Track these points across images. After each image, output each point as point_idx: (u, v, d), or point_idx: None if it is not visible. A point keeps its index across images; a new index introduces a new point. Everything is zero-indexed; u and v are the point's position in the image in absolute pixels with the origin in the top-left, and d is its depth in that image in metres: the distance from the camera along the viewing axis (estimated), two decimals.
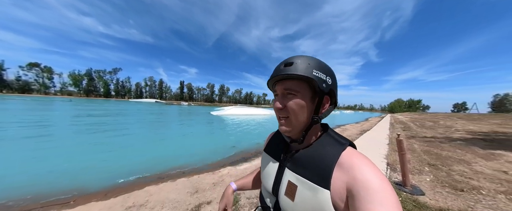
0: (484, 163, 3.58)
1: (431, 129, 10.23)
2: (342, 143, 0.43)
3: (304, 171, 0.42)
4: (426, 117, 21.59)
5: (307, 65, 0.42)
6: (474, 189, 2.49)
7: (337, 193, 0.37)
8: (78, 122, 9.81)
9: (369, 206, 0.32)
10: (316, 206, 0.38)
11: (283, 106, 0.44)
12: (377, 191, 0.33)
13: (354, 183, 0.35)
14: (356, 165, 0.37)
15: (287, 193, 0.43)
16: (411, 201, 2.17)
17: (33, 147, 4.95)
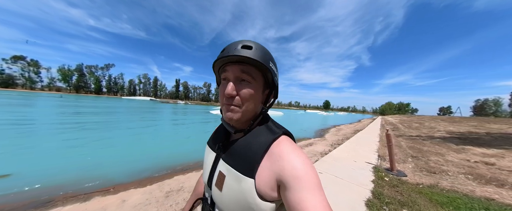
0: (454, 155, 4.39)
1: (417, 129, 11.29)
2: (275, 132, 0.42)
3: (233, 160, 0.42)
4: (414, 119, 23.20)
5: (264, 54, 0.41)
6: (443, 172, 3.23)
7: (265, 182, 0.38)
8: (98, 121, 9.97)
9: (298, 194, 0.34)
10: (239, 194, 0.38)
11: (236, 93, 0.40)
12: (304, 179, 0.35)
13: (283, 173, 0.36)
14: (284, 155, 0.38)
15: (216, 183, 0.43)
16: (397, 180, 2.84)
17: (59, 145, 5.28)
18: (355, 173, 3.07)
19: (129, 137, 6.57)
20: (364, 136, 8.10)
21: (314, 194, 0.34)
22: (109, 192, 2.71)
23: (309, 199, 0.33)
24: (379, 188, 2.43)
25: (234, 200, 0.39)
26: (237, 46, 0.40)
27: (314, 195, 0.34)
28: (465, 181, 2.84)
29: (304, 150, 5.69)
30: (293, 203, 0.34)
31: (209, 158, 0.49)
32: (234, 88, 0.40)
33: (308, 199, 0.33)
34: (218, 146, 0.47)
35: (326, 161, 3.72)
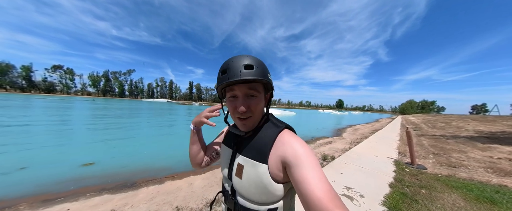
0: (478, 153, 4.51)
1: (442, 129, 10.84)
2: (279, 126, 0.53)
3: (249, 153, 0.51)
4: (439, 118, 21.62)
5: (263, 69, 0.49)
6: (463, 166, 3.51)
7: (274, 166, 0.47)
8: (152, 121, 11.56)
9: (299, 169, 0.42)
10: (257, 179, 0.48)
11: (247, 108, 0.49)
12: (303, 157, 0.44)
13: (286, 155, 0.46)
14: (286, 141, 0.48)
15: (236, 173, 0.52)
16: (417, 171, 3.24)
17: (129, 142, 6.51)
18: (378, 165, 3.52)
19: (173, 134, 7.67)
20: (383, 135, 8.19)
21: (312, 169, 0.42)
22: (175, 178, 3.29)
23: (309, 174, 0.41)
24: (400, 176, 2.89)
25: (253, 184, 0.48)
26: (240, 68, 0.46)
27: (312, 170, 0.41)
28: (484, 173, 3.13)
29: (325, 147, 6.14)
30: (296, 176, 0.42)
31: (227, 155, 0.59)
32: (246, 104, 0.49)
33: (308, 173, 0.41)
34: (233, 143, 0.58)
35: (349, 155, 4.19)
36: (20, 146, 4.67)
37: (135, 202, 2.39)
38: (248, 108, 0.49)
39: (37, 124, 8.07)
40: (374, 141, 6.58)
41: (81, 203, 2.41)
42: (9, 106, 15.26)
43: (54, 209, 2.27)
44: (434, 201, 2.10)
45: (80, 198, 2.57)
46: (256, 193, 0.48)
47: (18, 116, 10.18)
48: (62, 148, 4.83)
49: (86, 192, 2.77)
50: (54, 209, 2.27)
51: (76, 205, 2.35)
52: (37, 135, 6.03)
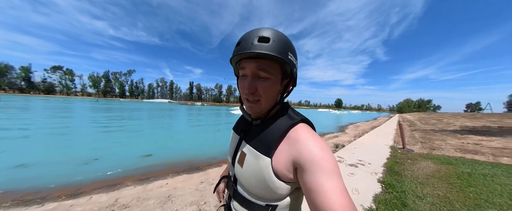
0: (455, 141, 5.82)
1: (433, 125, 12.23)
2: (293, 118, 0.45)
3: (253, 141, 0.47)
4: (433, 116, 23.16)
5: (283, 45, 0.40)
6: (440, 148, 4.80)
7: (281, 163, 0.41)
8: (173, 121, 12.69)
9: (315, 178, 0.36)
10: (257, 171, 0.43)
11: (255, 90, 0.42)
12: (319, 162, 0.37)
13: (300, 157, 0.39)
14: (301, 139, 0.41)
15: (239, 161, 0.49)
16: (406, 152, 4.50)
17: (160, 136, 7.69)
18: (378, 148, 4.78)
19: (197, 131, 8.86)
20: (381, 130, 9.50)
21: (331, 178, 0.36)
22: (220, 165, 3.85)
23: (325, 183, 0.35)
24: (394, 154, 4.15)
25: (252, 175, 0.44)
26: (253, 39, 0.39)
27: (331, 179, 0.35)
28: (453, 152, 4.41)
29: (333, 140, 7.39)
30: (310, 185, 0.36)
31: (234, 140, 0.57)
32: (252, 85, 0.41)
33: (324, 182, 0.35)
34: (241, 130, 0.54)
35: (355, 144, 5.45)
36: (80, 143, 5.26)
37: (210, 178, 2.94)
38: (256, 90, 0.42)
39: (82, 125, 9.20)
40: (374, 134, 7.86)
41: (172, 179, 2.93)
42: (37, 108, 16.24)
43: (156, 184, 2.74)
44: (415, 164, 3.35)
45: (167, 177, 3.04)
46: (255, 186, 0.44)
47: (56, 117, 11.26)
48: (116, 143, 5.62)
49: (165, 174, 3.22)
50: (156, 184, 2.74)
51: (171, 181, 2.84)
52: (89, 134, 7.16)
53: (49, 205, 2.17)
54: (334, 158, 0.39)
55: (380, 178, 2.67)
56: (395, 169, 3.02)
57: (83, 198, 2.39)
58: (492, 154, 4.09)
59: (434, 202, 1.94)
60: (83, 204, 2.22)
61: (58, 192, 2.62)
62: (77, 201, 2.29)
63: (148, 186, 2.72)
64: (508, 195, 2.08)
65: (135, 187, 2.75)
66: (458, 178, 2.59)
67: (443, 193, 2.13)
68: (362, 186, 2.38)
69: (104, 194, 2.53)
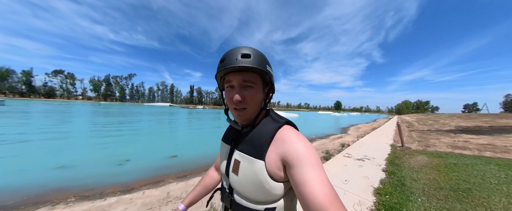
0: (448, 139, 6.50)
1: (430, 125, 12.95)
2: (278, 121, 0.50)
3: (246, 148, 0.49)
4: (431, 117, 23.96)
5: (261, 60, 0.47)
6: (434, 146, 5.47)
7: (272, 163, 0.45)
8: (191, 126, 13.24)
9: (299, 170, 0.41)
10: (253, 175, 0.45)
11: (243, 98, 0.47)
12: (304, 156, 0.42)
13: (286, 154, 0.43)
14: (287, 139, 0.46)
15: (233, 170, 0.50)
16: (404, 149, 5.15)
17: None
18: (380, 146, 5.44)
19: (217, 133, 9.46)
20: (381, 131, 10.17)
21: (314, 170, 0.40)
22: None
23: (309, 175, 0.39)
24: (394, 151, 4.80)
25: (249, 181, 0.46)
26: (237, 56, 0.45)
27: (314, 171, 0.40)
28: (445, 149, 5.08)
29: (338, 140, 8.03)
30: (297, 179, 0.41)
31: (225, 151, 0.58)
32: (241, 94, 0.47)
33: (308, 174, 0.40)
34: (231, 139, 0.56)
35: (359, 143, 6.10)
36: (104, 146, 5.69)
37: None
38: (243, 99, 0.47)
39: (99, 129, 9.77)
40: (375, 135, 8.52)
41: None
42: (55, 111, 16.73)
43: (195, 180, 2.90)
44: (411, 158, 4.00)
45: (201, 174, 3.23)
46: (253, 191, 0.46)
47: (69, 122, 11.81)
48: (139, 145, 6.17)
49: (199, 172, 3.42)
50: (195, 180, 2.90)
51: None
52: (110, 137, 7.74)
53: (111, 199, 2.44)
54: (316, 153, 0.44)
55: (384, 168, 3.32)
56: (395, 162, 3.67)
57: (136, 193, 2.61)
58: (478, 149, 4.76)
59: (425, 182, 2.59)
60: (141, 197, 2.44)
61: (111, 189, 2.79)
62: (134, 196, 2.53)
63: (189, 182, 2.94)
64: (481, 177, 2.74)
65: (177, 183, 2.95)
66: (445, 167, 3.25)
67: (433, 177, 2.78)
68: (370, 174, 3.03)
69: (154, 189, 2.73)
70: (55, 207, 2.27)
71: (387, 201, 2.00)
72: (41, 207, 2.26)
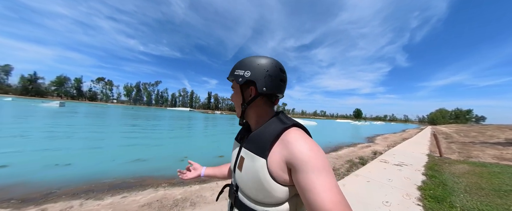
0: (494, 151, 6.16)
1: (473, 137, 11.77)
2: (286, 123, 0.50)
3: (251, 145, 0.51)
4: (474, 128, 21.12)
5: (234, 67, 0.56)
6: (477, 157, 5.37)
7: (275, 164, 0.45)
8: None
9: (305, 175, 0.39)
10: (254, 172, 0.47)
11: (231, 99, 0.62)
12: (309, 161, 0.40)
13: (291, 157, 0.42)
14: (292, 141, 0.44)
15: (238, 166, 0.53)
16: (443, 159, 5.20)
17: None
18: (416, 155, 5.56)
19: None
20: (414, 141, 9.74)
21: (321, 175, 0.38)
22: None
23: (316, 180, 0.38)
24: (432, 159, 4.94)
25: (250, 178, 0.48)
26: None
27: (321, 176, 0.38)
28: (490, 160, 4.98)
29: (367, 149, 8.10)
30: (302, 184, 0.39)
31: (235, 149, 0.62)
32: (231, 98, 0.62)
33: (315, 180, 0.38)
34: (240, 138, 0.62)
35: (391, 151, 6.24)
36: (163, 143, 7.04)
37: None
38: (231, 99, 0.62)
39: (156, 130, 11.54)
40: (407, 145, 8.31)
41: None
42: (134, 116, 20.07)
43: None
44: (452, 166, 4.19)
45: None
46: (253, 189, 0.47)
47: (130, 124, 14.08)
48: (193, 144, 7.37)
49: None
50: None
51: None
52: (168, 137, 9.17)
53: (195, 186, 3.02)
54: (324, 157, 0.42)
55: (423, 172, 3.66)
56: (435, 168, 3.95)
57: (210, 184, 3.14)
58: None
59: (467, 184, 2.93)
60: (215, 187, 2.90)
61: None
62: (210, 185, 3.06)
63: None
64: None
65: None
66: (489, 174, 3.44)
67: (475, 181, 3.08)
68: (410, 176, 3.43)
69: (214, 183, 3.20)
70: (158, 189, 2.90)
71: (432, 194, 2.49)
72: (147, 188, 2.93)
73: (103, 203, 2.39)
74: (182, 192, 2.78)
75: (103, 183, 3.09)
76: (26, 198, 2.46)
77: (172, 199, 2.54)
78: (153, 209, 2.27)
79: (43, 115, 14.01)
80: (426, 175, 3.47)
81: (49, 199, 2.45)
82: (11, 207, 2.19)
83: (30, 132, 6.90)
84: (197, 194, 2.74)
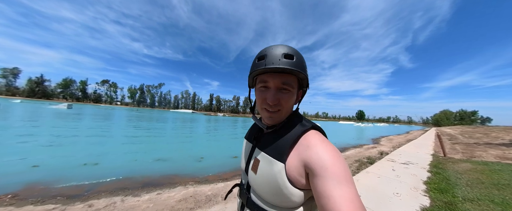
0: (497, 151, 6.41)
1: (478, 139, 11.92)
2: (305, 125, 0.48)
3: (267, 148, 0.49)
4: (479, 130, 21.08)
5: (302, 62, 0.46)
6: (480, 157, 5.64)
7: (294, 169, 0.43)
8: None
9: (324, 181, 0.37)
10: (271, 176, 0.44)
11: (278, 101, 0.46)
12: (329, 167, 0.38)
13: (310, 161, 0.41)
14: (312, 145, 0.43)
15: (252, 168, 0.50)
16: (447, 158, 5.49)
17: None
18: (421, 155, 5.86)
19: None
20: (418, 142, 9.97)
21: (341, 184, 0.36)
22: None
23: (335, 189, 0.35)
24: (437, 159, 5.24)
25: (266, 182, 0.45)
26: (279, 56, 0.43)
27: (341, 185, 0.36)
28: (492, 159, 5.26)
29: (373, 149, 8.37)
30: (320, 191, 0.37)
31: (247, 148, 0.59)
32: (276, 97, 0.46)
33: (334, 189, 0.36)
34: (253, 138, 0.57)
35: (397, 152, 6.54)
36: (179, 145, 7.60)
37: None
38: (278, 101, 0.46)
39: (169, 132, 11.99)
40: (412, 145, 8.57)
41: None
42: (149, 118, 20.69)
43: None
44: (455, 164, 4.49)
45: None
46: (269, 193, 0.45)
47: (146, 127, 14.59)
48: (206, 145, 7.75)
49: None
50: None
51: None
52: (183, 138, 9.59)
53: (220, 184, 3.28)
54: (345, 164, 0.40)
55: (428, 170, 3.99)
56: (439, 166, 4.26)
57: (230, 182, 3.34)
58: None
59: (469, 179, 3.25)
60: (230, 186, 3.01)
61: (213, 177, 3.57)
62: (228, 184, 3.29)
63: None
64: None
65: None
66: (489, 171, 3.75)
67: (476, 177, 3.40)
68: (417, 173, 3.76)
69: (229, 182, 3.39)
70: (187, 187, 3.05)
71: (436, 187, 2.83)
72: (177, 186, 3.13)
73: (142, 199, 2.56)
74: (211, 189, 3.01)
75: (135, 182, 3.28)
76: (68, 194, 2.62)
77: (203, 195, 2.75)
78: (190, 203, 2.45)
79: (55, 116, 14.59)
80: (431, 172, 3.80)
81: (91, 196, 2.61)
82: (60, 203, 2.38)
83: (49, 133, 7.28)
84: (224, 190, 2.97)
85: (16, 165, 3.59)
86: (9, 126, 8.17)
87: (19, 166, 3.55)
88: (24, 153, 4.39)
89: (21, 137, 6.10)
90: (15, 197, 2.48)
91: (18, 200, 2.41)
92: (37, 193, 2.64)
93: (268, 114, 0.48)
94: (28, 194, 2.59)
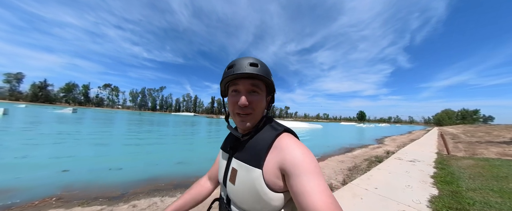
0: (498, 149, 6.77)
1: (479, 137, 12.25)
2: (277, 129, 0.50)
3: (244, 156, 0.49)
4: (481, 129, 21.36)
5: (267, 69, 0.51)
6: (482, 154, 6.00)
7: (271, 172, 0.44)
8: None
9: (298, 179, 0.40)
10: (250, 184, 0.45)
11: (249, 103, 0.49)
12: (301, 165, 0.41)
13: (284, 162, 0.43)
14: (284, 146, 0.45)
15: (230, 178, 0.50)
16: (450, 156, 5.85)
17: None
18: (425, 153, 6.23)
19: None
20: (421, 142, 10.27)
21: (313, 178, 0.39)
22: None
23: (308, 183, 0.38)
24: (441, 156, 5.60)
25: (246, 191, 0.46)
26: (246, 64, 0.48)
27: (313, 179, 0.39)
28: (493, 156, 5.62)
29: (379, 149, 8.71)
30: (295, 187, 0.40)
31: (223, 159, 0.59)
32: (247, 99, 0.48)
33: (307, 183, 0.39)
34: (230, 147, 0.57)
35: (402, 151, 6.91)
36: (199, 149, 8.11)
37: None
38: (250, 103, 0.49)
39: (179, 136, 12.36)
40: (416, 145, 8.88)
41: None
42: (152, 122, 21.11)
43: None
44: (458, 161, 4.86)
45: None
46: (250, 201, 0.46)
47: (155, 131, 14.96)
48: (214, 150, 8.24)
49: None
50: None
51: None
52: (196, 142, 9.95)
53: None
54: (315, 160, 0.43)
55: (434, 166, 4.36)
56: (444, 163, 4.64)
57: None
58: None
59: (471, 173, 3.63)
60: None
61: None
62: None
63: None
64: None
65: None
66: (489, 166, 4.12)
67: (477, 171, 3.78)
68: (423, 168, 4.14)
69: None
70: (218, 187, 3.75)
71: (443, 180, 3.21)
72: None
73: None
74: None
75: (166, 183, 3.37)
76: (109, 196, 2.66)
77: None
78: None
79: (63, 121, 14.70)
80: (436, 168, 4.18)
81: (130, 198, 2.66)
82: (105, 204, 2.43)
83: (65, 138, 7.35)
84: None
85: (46, 170, 3.67)
86: (22, 130, 8.43)
87: (49, 171, 3.64)
88: (48, 158, 4.47)
89: (37, 142, 6.10)
90: (60, 199, 2.55)
91: (64, 202, 2.47)
92: (78, 195, 2.71)
93: (240, 117, 0.51)
94: (70, 196, 2.65)
